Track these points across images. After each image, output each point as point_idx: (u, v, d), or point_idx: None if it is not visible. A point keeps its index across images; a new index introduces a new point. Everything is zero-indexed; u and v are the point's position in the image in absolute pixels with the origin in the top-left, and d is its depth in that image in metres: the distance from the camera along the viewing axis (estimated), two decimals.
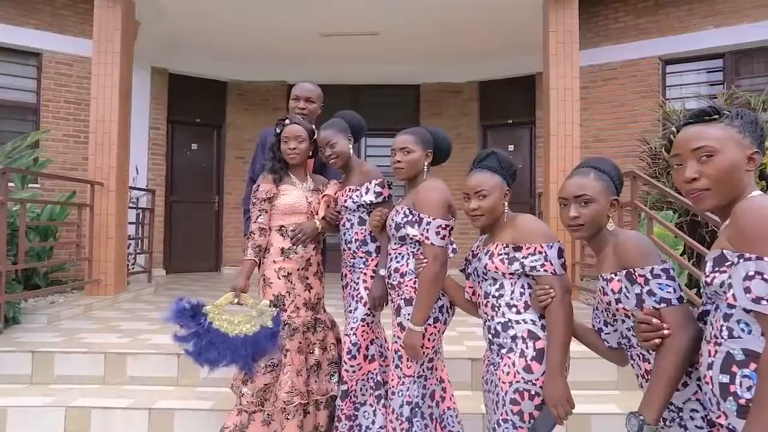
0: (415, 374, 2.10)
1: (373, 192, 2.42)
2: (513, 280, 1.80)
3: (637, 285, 1.41)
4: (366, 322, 2.39)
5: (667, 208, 4.32)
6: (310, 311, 2.51)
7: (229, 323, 2.27)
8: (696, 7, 6.60)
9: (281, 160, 2.54)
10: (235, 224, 8.21)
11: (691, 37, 6.62)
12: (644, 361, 1.46)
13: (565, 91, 4.97)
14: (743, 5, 6.33)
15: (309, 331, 2.48)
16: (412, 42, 7.17)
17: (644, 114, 6.77)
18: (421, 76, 8.27)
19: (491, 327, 1.82)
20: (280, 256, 2.46)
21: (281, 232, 2.49)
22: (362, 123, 2.64)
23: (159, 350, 3.33)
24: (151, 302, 5.29)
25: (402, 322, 2.11)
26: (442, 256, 2.05)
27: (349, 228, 2.48)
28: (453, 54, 7.66)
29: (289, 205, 2.48)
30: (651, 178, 5.43)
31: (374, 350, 2.42)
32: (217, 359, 2.19)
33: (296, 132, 2.50)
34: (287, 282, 2.45)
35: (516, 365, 1.71)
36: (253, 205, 2.49)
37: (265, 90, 8.24)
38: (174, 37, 7.06)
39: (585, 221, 1.59)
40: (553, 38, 4.98)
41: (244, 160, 8.18)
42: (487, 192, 1.85)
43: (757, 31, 6.26)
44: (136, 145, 6.69)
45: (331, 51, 7.33)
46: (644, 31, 6.90)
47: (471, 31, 6.79)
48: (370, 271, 2.43)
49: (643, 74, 6.89)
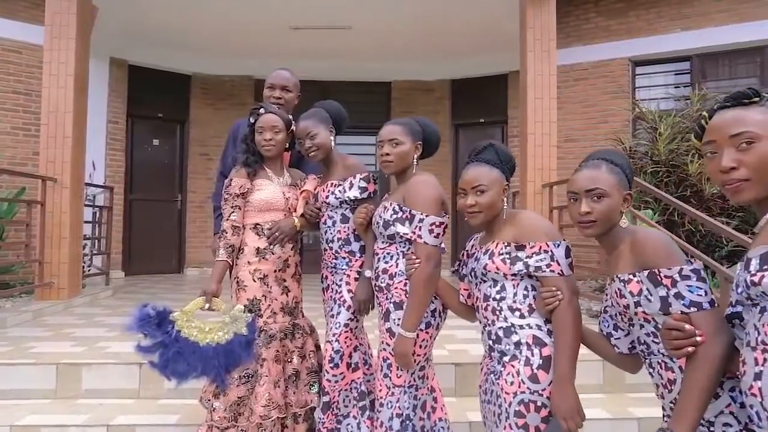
0: (406, 384, 1.93)
1: (357, 187, 2.24)
2: (515, 281, 1.66)
3: (662, 287, 1.28)
4: (349, 328, 2.22)
5: (644, 207, 4.31)
6: (288, 316, 2.32)
7: (200, 331, 2.06)
8: (664, 10, 6.68)
9: (255, 153, 2.34)
10: (199, 223, 7.88)
11: (660, 40, 6.70)
12: (666, 369, 1.34)
13: (542, 89, 4.92)
14: (709, 9, 6.44)
15: (287, 338, 2.29)
16: (384, 38, 7.02)
17: (614, 114, 6.82)
18: (392, 73, 8.13)
19: (492, 332, 1.68)
20: (255, 257, 2.26)
21: (256, 230, 2.29)
22: (344, 114, 2.47)
23: (118, 359, 3.06)
24: (108, 307, 4.96)
25: (391, 327, 1.95)
26: (435, 256, 1.90)
27: (331, 226, 2.30)
28: (425, 51, 7.56)
29: (264, 201, 2.28)
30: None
31: (358, 358, 2.25)
32: (186, 371, 1.98)
33: (272, 122, 2.30)
34: (263, 285, 2.25)
35: (521, 374, 1.57)
36: (225, 201, 2.28)
37: (231, 85, 7.94)
38: (134, 25, 6.69)
39: (597, 217, 1.46)
40: (530, 35, 4.92)
41: (209, 157, 7.88)
42: (485, 187, 1.70)
43: (722, 34, 6.38)
44: (93, 140, 6.30)
45: (302, 45, 7.10)
46: (615, 32, 6.95)
47: (444, 28, 6.70)
48: (353, 272, 2.25)
49: (613, 75, 6.94)
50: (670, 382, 1.33)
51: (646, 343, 1.39)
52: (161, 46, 7.33)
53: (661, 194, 3.47)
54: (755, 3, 6.23)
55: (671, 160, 4.40)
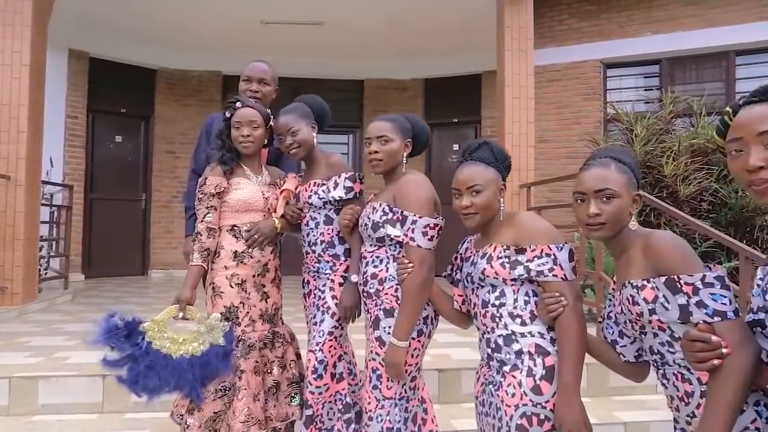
0: (397, 396, 1.82)
1: (342, 187, 2.12)
2: (515, 286, 1.57)
3: (681, 295, 1.21)
4: (334, 336, 2.09)
5: None
6: (267, 324, 2.17)
7: (173, 342, 1.89)
8: (635, 13, 6.77)
9: (232, 150, 2.18)
10: (165, 224, 7.59)
11: (631, 43, 6.79)
12: (683, 381, 1.27)
13: (520, 89, 4.89)
14: (678, 14, 6.56)
15: (266, 347, 2.14)
16: (358, 35, 6.89)
17: (587, 115, 6.88)
18: (365, 71, 8.01)
19: (491, 340, 1.59)
20: (232, 261, 2.10)
21: (234, 232, 2.13)
22: (326, 109, 2.34)
23: (79, 371, 2.84)
24: (67, 312, 4.67)
25: (381, 336, 1.83)
26: (429, 260, 1.79)
27: (314, 228, 2.17)
28: (399, 49, 7.47)
29: (242, 201, 2.13)
30: None
31: (342, 368, 2.12)
32: (158, 386, 1.81)
33: (250, 116, 2.15)
34: (241, 291, 2.10)
35: (523, 385, 1.48)
36: (199, 201, 2.12)
37: (199, 80, 7.67)
38: (96, 15, 6.36)
39: (607, 219, 1.38)
40: (508, 34, 4.88)
41: (175, 154, 7.60)
42: (481, 187, 1.61)
43: (690, 39, 6.50)
44: (51, 135, 5.94)
45: (273, 40, 6.90)
46: (587, 34, 7.00)
47: (418, 26, 6.62)
48: (338, 277, 2.13)
49: (586, 76, 6.99)
50: (688, 395, 1.26)
51: (660, 352, 1.32)
52: (125, 38, 7.00)
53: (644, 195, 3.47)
54: (722, 9, 6.37)
55: (647, 162, 4.43)
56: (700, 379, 1.23)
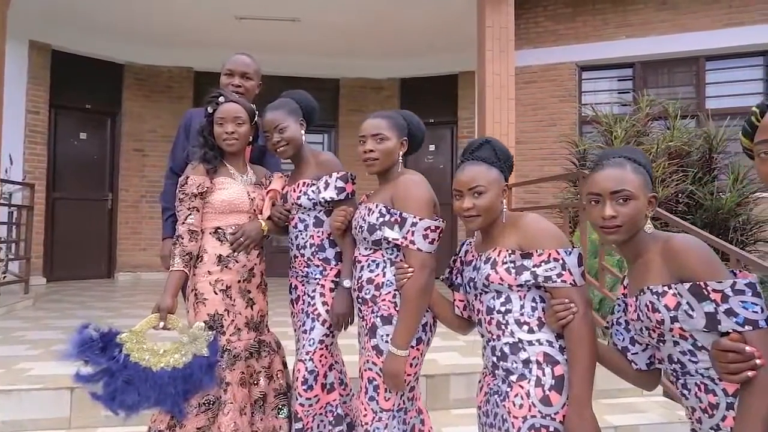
0: (395, 407, 1.73)
1: (334, 187, 2.01)
2: (522, 292, 1.50)
3: (708, 302, 1.15)
4: (325, 345, 1.98)
5: None
6: (253, 332, 2.05)
7: (153, 354, 1.76)
8: (610, 17, 6.85)
9: (214, 147, 2.05)
10: (132, 224, 7.31)
11: (605, 46, 6.87)
12: (707, 392, 1.21)
13: (501, 89, 4.86)
14: (651, 19, 6.67)
15: (252, 357, 2.02)
16: (333, 32, 6.77)
17: (562, 117, 6.93)
18: (341, 69, 7.89)
19: (496, 348, 1.51)
20: (216, 266, 1.97)
21: (217, 235, 2.00)
22: (315, 105, 2.23)
23: (43, 384, 2.65)
24: (28, 319, 4.40)
25: (379, 344, 1.73)
26: (430, 264, 1.70)
27: (303, 230, 2.06)
28: (375, 48, 7.38)
29: (227, 202, 2.00)
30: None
31: (333, 377, 2.02)
32: (137, 402, 1.67)
33: (234, 112, 2.03)
34: (225, 297, 1.97)
35: (531, 396, 1.41)
36: (180, 201, 1.98)
37: (169, 76, 7.41)
38: (58, 5, 6.05)
39: (623, 222, 1.32)
40: (489, 34, 4.85)
41: (143, 152, 7.33)
42: (483, 188, 1.53)
43: (662, 43, 6.62)
44: (10, 131, 5.61)
45: (246, 36, 6.71)
46: (562, 37, 7.06)
47: (395, 25, 6.55)
48: (329, 282, 2.02)
49: (561, 79, 7.04)
50: (712, 407, 1.20)
51: (681, 362, 1.26)
52: (90, 31, 6.69)
53: None
54: (693, 15, 6.50)
55: None
56: (725, 390, 1.18)
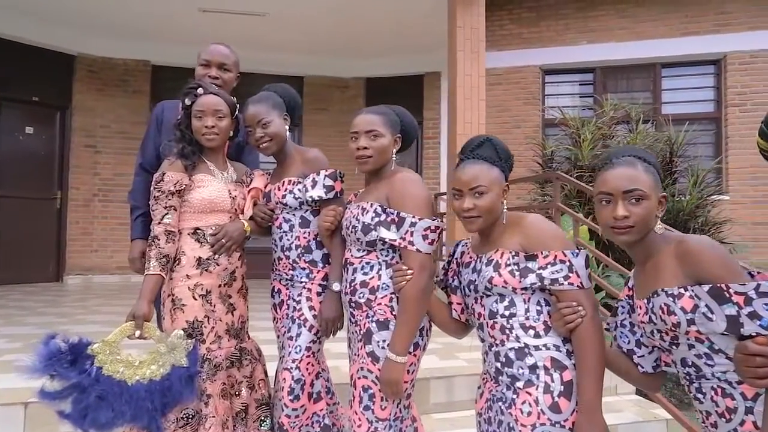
0: (392, 416, 1.65)
1: (322, 185, 1.91)
2: (526, 295, 1.45)
3: (730, 305, 1.13)
4: (312, 352, 1.88)
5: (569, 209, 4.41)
6: (234, 339, 1.93)
7: (128, 366, 1.61)
8: (572, 22, 7.00)
9: (193, 142, 1.92)
10: (83, 225, 6.92)
11: (568, 50, 7.01)
12: (725, 396, 1.19)
13: (472, 90, 4.84)
14: (612, 25, 6.85)
15: (233, 366, 1.90)
16: (301, 29, 6.62)
17: (526, 119, 7.04)
18: (306, 67, 7.74)
19: (500, 353, 1.46)
20: (195, 269, 1.84)
21: (197, 236, 1.87)
22: (299, 100, 2.13)
23: None
24: None
25: (374, 351, 1.65)
26: (429, 266, 1.63)
27: (288, 231, 1.95)
28: (342, 47, 7.28)
29: (207, 201, 1.87)
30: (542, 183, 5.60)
31: (320, 386, 1.92)
32: (111, 420, 1.53)
33: (214, 105, 1.90)
34: (205, 303, 1.84)
35: (540, 403, 1.36)
36: (156, 200, 1.83)
37: (124, 69, 7.05)
38: None
39: (635, 222, 1.29)
40: (461, 34, 4.83)
41: (96, 149, 6.96)
42: (485, 188, 1.48)
43: (621, 50, 6.82)
44: None
45: (209, 30, 6.46)
46: (526, 40, 7.16)
47: (363, 24, 6.47)
48: (315, 285, 1.92)
49: (525, 81, 7.15)
50: (730, 411, 1.18)
51: (696, 365, 1.24)
52: (37, 18, 6.28)
53: None
54: (650, 23, 6.73)
55: (594, 165, 4.54)
56: (744, 394, 1.16)
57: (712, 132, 6.47)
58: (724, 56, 6.53)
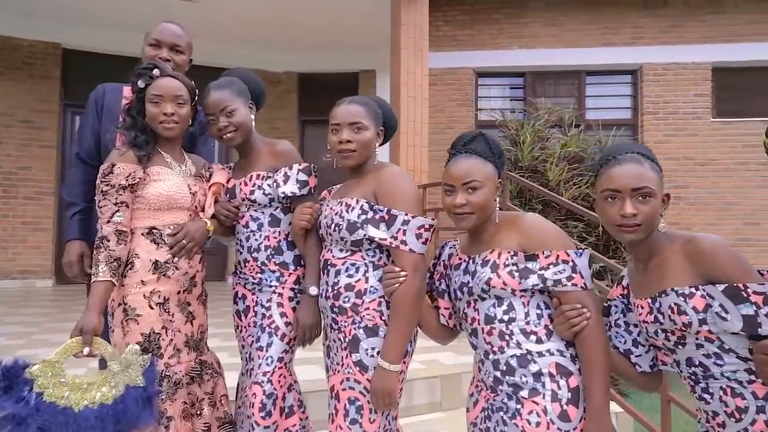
0: (381, 429, 1.53)
1: (295, 180, 1.76)
2: (525, 298, 1.39)
3: (748, 305, 1.12)
4: (284, 363, 1.73)
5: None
6: (194, 352, 1.72)
7: (74, 389, 1.38)
8: (505, 27, 7.19)
9: (147, 130, 1.69)
10: None
11: (500, 54, 7.19)
12: (734, 395, 1.19)
13: (415, 88, 4.82)
14: (541, 32, 7.12)
15: (194, 382, 1.69)
16: (233, 19, 6.29)
17: (460, 121, 7.14)
18: (236, 59, 7.28)
19: (499, 361, 1.38)
20: (152, 274, 1.62)
21: (153, 236, 1.64)
22: (263, 87, 1.96)
23: None
24: None
25: (363, 360, 1.52)
26: (423, 267, 1.53)
27: (256, 230, 1.78)
28: (275, 39, 7.00)
29: (165, 197, 1.65)
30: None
31: (292, 399, 1.76)
32: None
33: (175, 89, 1.70)
34: (163, 312, 1.62)
35: (549, 412, 1.30)
36: (104, 195, 1.59)
37: (30, 51, 6.32)
38: None
39: (643, 220, 1.27)
40: (404, 32, 4.78)
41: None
42: (479, 183, 1.41)
43: (550, 56, 7.10)
44: None
45: (129, 13, 5.96)
46: (461, 42, 7.27)
47: (300, 17, 6.26)
48: (287, 290, 1.77)
49: (460, 83, 7.25)
50: (740, 411, 1.18)
51: (703, 365, 1.23)
52: None
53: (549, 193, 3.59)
54: (576, 32, 7.05)
55: (534, 167, 4.66)
56: (755, 394, 1.17)
57: (630, 137, 6.89)
58: (640, 67, 6.98)
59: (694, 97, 6.89)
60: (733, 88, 6.92)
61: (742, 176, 6.54)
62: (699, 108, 6.88)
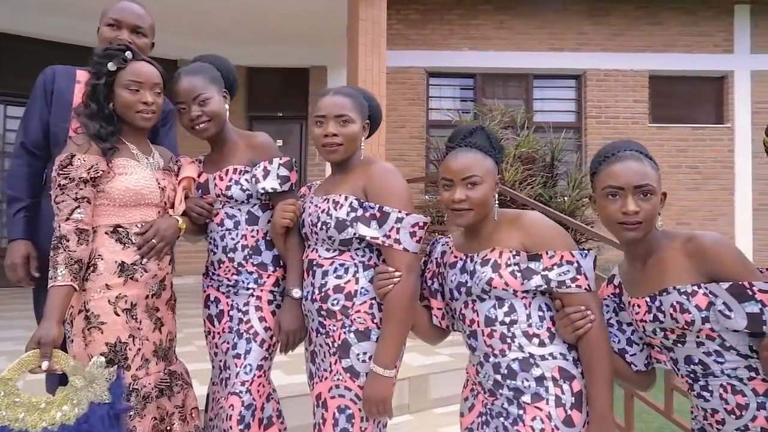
0: None
1: (276, 176, 1.64)
2: (527, 300, 1.35)
3: (754, 303, 1.13)
4: (263, 371, 1.61)
5: None
6: (162, 362, 1.57)
7: (30, 410, 1.21)
8: (456, 28, 7.26)
9: (113, 120, 1.53)
10: None
11: (451, 55, 7.26)
12: (735, 393, 1.20)
13: (373, 86, 4.73)
14: (491, 35, 7.24)
15: (163, 395, 1.55)
16: (177, 8, 5.96)
17: (411, 119, 7.16)
18: (180, 50, 6.97)
19: (500, 365, 1.34)
20: (118, 277, 1.46)
21: (118, 235, 1.48)
22: (236, 74, 1.82)
23: None
24: None
25: (354, 365, 1.44)
26: (417, 266, 1.47)
27: (232, 228, 1.65)
28: (222, 30, 6.70)
29: (132, 192, 1.50)
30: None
31: (271, 409, 1.65)
32: None
33: (155, 77, 1.57)
34: (130, 319, 1.47)
35: (553, 418, 1.27)
36: (62, 189, 1.42)
37: None
38: None
39: (645, 218, 1.27)
40: (363, 27, 4.70)
41: None
42: (479, 179, 1.36)
43: (499, 58, 7.24)
44: None
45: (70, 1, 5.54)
46: (413, 42, 7.28)
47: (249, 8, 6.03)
48: (266, 293, 1.65)
49: (411, 82, 7.27)
50: (740, 408, 1.19)
51: (703, 363, 1.24)
52: None
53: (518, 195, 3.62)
54: (524, 36, 7.23)
55: None
56: (755, 390, 1.18)
57: (575, 140, 7.13)
58: (584, 72, 7.25)
59: (633, 102, 7.23)
60: (667, 95, 7.33)
61: (674, 179, 6.91)
62: (637, 113, 7.23)
